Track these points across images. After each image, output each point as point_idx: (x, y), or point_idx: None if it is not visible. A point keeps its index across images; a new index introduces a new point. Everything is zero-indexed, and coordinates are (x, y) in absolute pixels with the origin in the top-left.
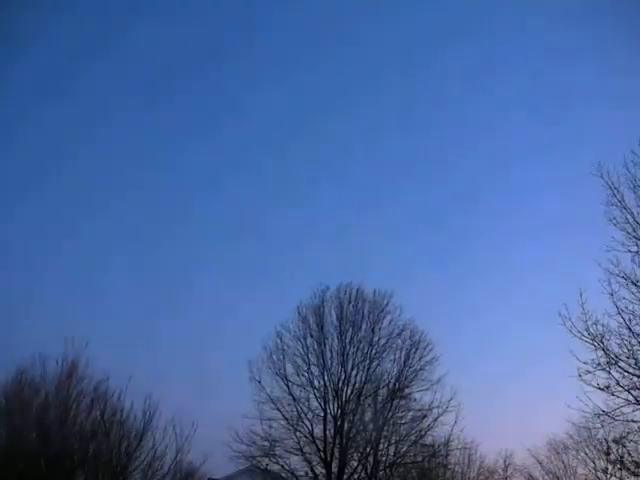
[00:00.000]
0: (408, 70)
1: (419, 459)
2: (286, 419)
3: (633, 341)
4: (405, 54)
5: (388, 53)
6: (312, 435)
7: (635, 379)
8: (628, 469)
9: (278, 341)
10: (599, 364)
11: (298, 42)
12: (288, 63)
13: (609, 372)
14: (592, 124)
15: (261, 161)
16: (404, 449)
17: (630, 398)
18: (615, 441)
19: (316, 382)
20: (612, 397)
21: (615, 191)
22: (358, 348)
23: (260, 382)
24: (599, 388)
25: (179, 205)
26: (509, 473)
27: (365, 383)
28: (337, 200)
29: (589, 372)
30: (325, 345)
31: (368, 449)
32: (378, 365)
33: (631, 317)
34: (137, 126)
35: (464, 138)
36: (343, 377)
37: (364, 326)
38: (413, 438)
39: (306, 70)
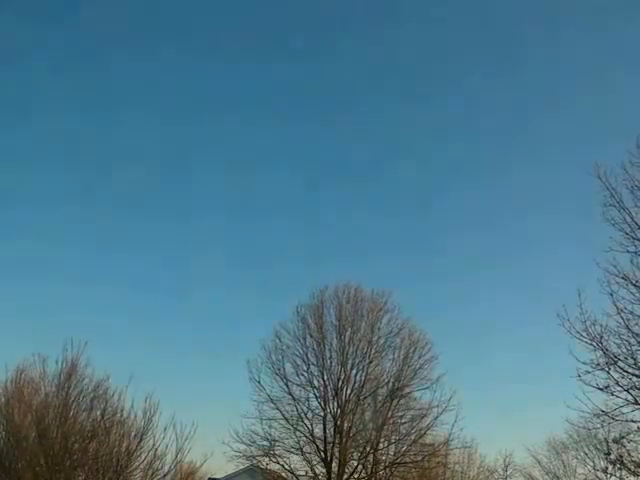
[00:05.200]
0: None
1: (419, 458)
2: (286, 419)
3: (632, 341)
4: None
5: None
6: (312, 434)
7: (634, 379)
8: (628, 469)
9: (277, 341)
10: (598, 364)
11: None
12: None
13: (608, 372)
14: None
15: None
16: (404, 448)
17: (629, 398)
18: (615, 441)
19: (315, 382)
20: (611, 397)
21: (613, 192)
22: (357, 347)
23: (259, 382)
24: (598, 388)
25: None
26: (509, 473)
27: (365, 382)
28: None
29: (588, 372)
30: (324, 345)
31: (368, 448)
32: (377, 364)
33: (630, 317)
34: None
35: None
36: (342, 376)
37: (363, 325)
38: (413, 437)
39: None
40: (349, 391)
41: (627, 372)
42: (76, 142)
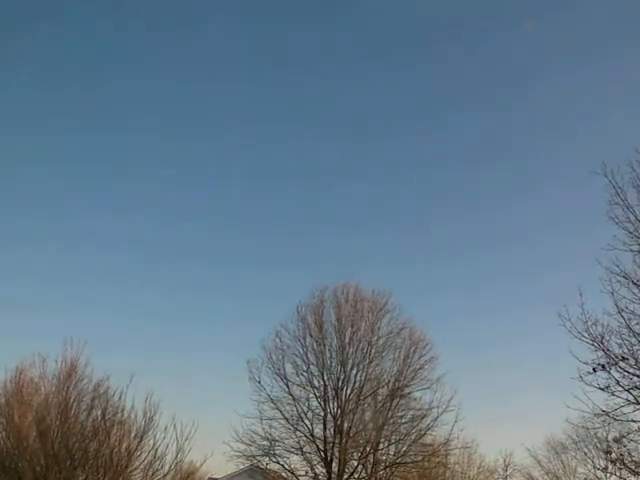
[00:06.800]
0: None
1: (419, 458)
2: (286, 419)
3: (633, 340)
4: None
5: None
6: (312, 434)
7: (635, 379)
8: (628, 468)
9: (277, 341)
10: (599, 364)
11: None
12: None
13: (609, 372)
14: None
15: None
16: (404, 448)
17: (630, 398)
18: (615, 440)
19: (316, 382)
20: (612, 397)
21: (618, 190)
22: (357, 347)
23: (260, 382)
24: (599, 388)
25: None
26: (509, 473)
27: (365, 382)
28: None
29: (589, 373)
30: (324, 345)
31: (368, 448)
32: (378, 364)
33: (631, 317)
34: None
35: None
36: (343, 376)
37: (363, 325)
38: (413, 437)
39: None
40: (349, 391)
41: (628, 372)
42: None
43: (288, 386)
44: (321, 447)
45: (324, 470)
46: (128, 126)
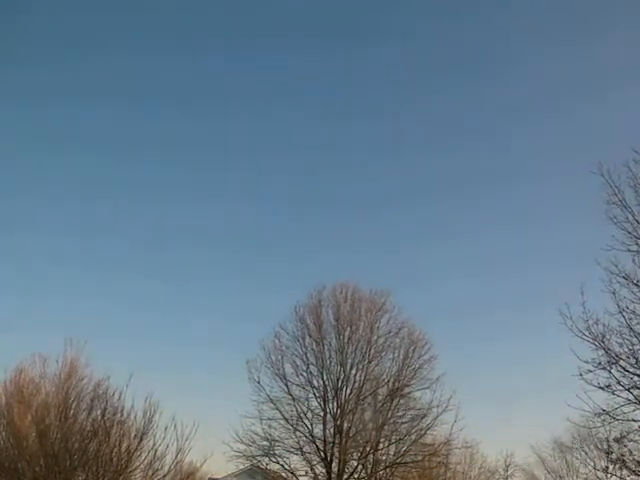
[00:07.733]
0: None
1: (419, 458)
2: (285, 419)
3: (634, 340)
4: None
5: None
6: (312, 435)
7: (636, 378)
8: (629, 468)
9: (276, 341)
10: (600, 363)
11: None
12: None
13: (610, 371)
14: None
15: None
16: (404, 448)
17: (631, 397)
18: (616, 440)
19: (315, 382)
20: (613, 396)
21: (616, 190)
22: (357, 347)
23: (259, 382)
24: (600, 387)
25: None
26: (510, 473)
27: (364, 382)
28: None
29: (590, 371)
30: (323, 345)
31: (368, 448)
32: (377, 364)
33: (632, 316)
34: None
35: None
36: (342, 376)
37: (362, 325)
38: (413, 437)
39: None
40: (349, 391)
41: (628, 371)
42: None
43: (287, 386)
44: (321, 447)
45: (324, 470)
46: (127, 116)
